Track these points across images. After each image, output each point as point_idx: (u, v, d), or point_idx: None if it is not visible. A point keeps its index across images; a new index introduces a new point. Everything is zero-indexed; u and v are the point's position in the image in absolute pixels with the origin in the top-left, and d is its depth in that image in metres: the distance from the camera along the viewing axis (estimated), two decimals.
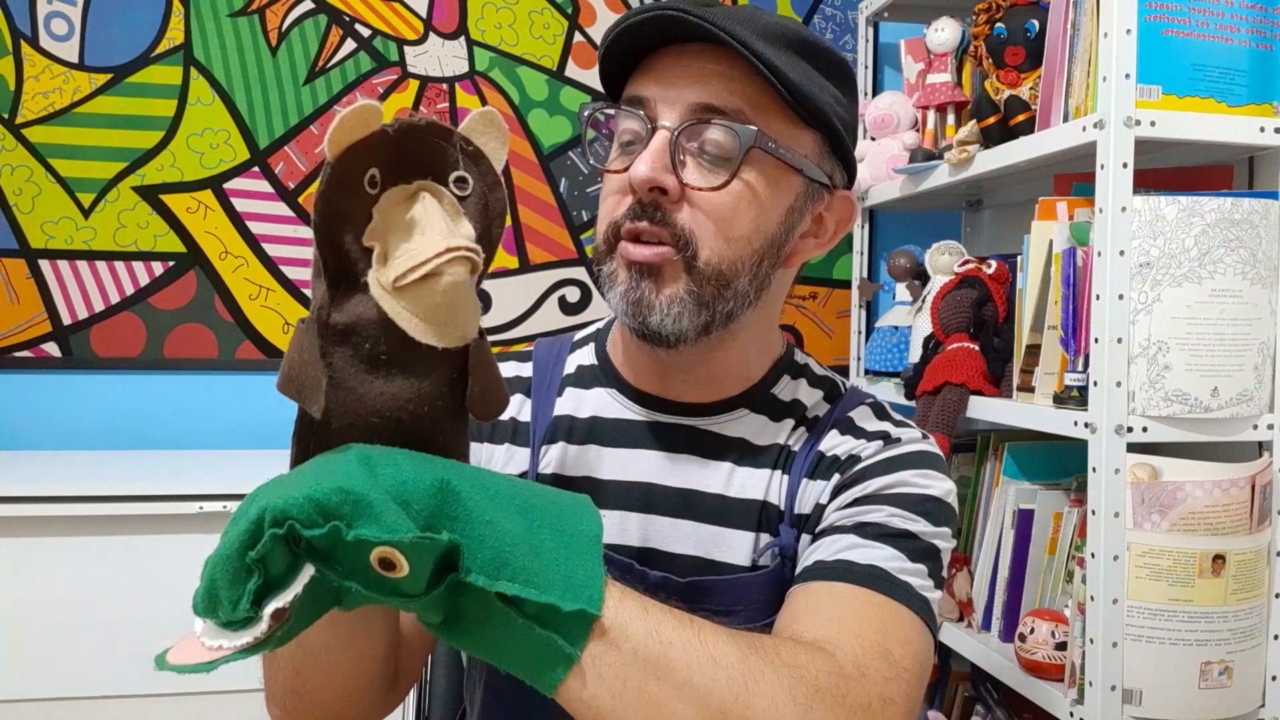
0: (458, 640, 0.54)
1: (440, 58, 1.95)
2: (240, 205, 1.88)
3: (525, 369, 0.88)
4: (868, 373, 1.91)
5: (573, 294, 2.00)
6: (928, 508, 0.76)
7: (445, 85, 1.95)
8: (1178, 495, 1.17)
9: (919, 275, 1.80)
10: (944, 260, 1.67)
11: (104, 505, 1.40)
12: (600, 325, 0.91)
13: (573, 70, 2.00)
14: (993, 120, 1.48)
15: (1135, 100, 1.20)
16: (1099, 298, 1.21)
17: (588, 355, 0.88)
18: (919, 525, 0.74)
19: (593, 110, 0.80)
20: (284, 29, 1.89)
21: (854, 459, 0.79)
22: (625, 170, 0.74)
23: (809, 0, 2.08)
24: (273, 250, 1.89)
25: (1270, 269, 1.22)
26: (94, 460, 1.67)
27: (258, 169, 1.88)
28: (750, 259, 0.75)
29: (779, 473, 0.80)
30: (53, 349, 1.81)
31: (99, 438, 1.82)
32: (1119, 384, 1.19)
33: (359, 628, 0.69)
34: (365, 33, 1.92)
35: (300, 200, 1.90)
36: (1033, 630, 1.33)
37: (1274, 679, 1.24)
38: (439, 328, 0.53)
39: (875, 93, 2.00)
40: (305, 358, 0.52)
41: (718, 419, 0.82)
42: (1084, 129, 1.25)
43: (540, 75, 1.99)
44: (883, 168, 1.80)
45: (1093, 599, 1.20)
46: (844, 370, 2.00)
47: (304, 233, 1.90)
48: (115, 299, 1.84)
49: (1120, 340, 1.19)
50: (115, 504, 1.40)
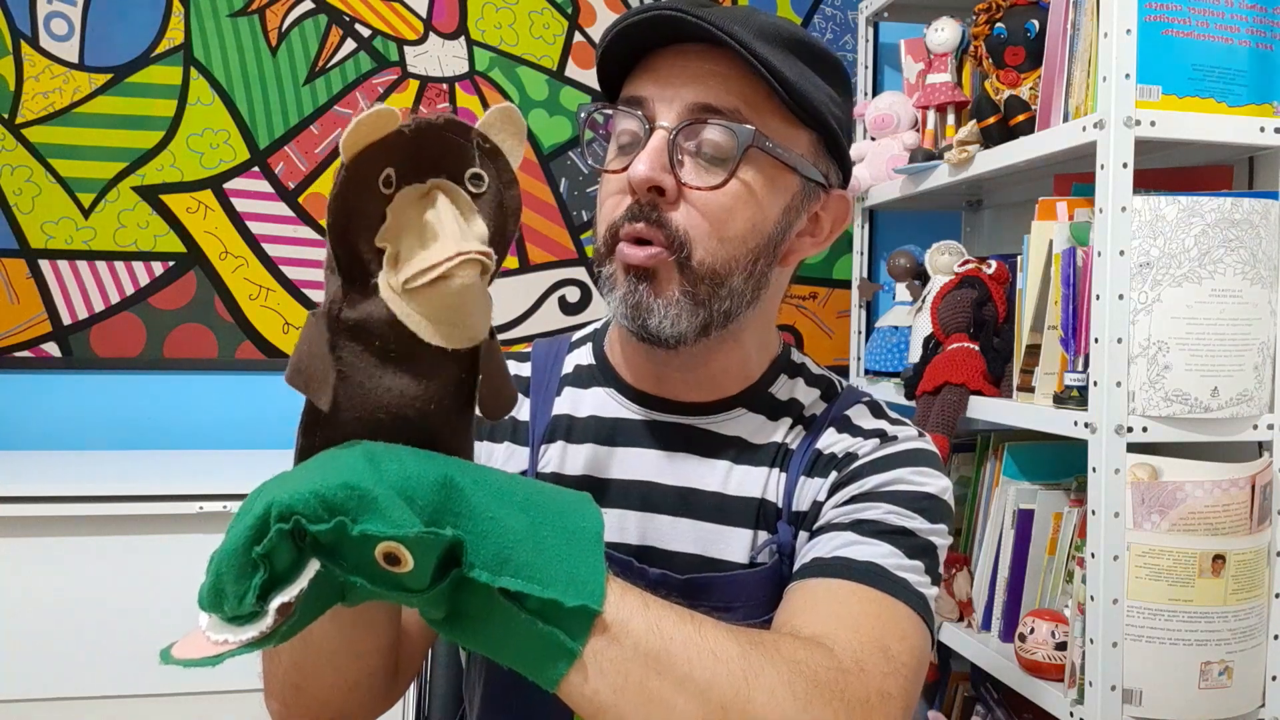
0: (460, 636, 0.54)
1: (440, 58, 1.95)
2: (240, 205, 1.88)
3: (524, 369, 0.89)
4: (868, 373, 1.91)
5: (573, 294, 2.00)
6: (924, 505, 0.76)
7: (445, 85, 1.95)
8: (1178, 495, 1.17)
9: (919, 275, 1.80)
10: (944, 260, 1.67)
11: (104, 505, 1.40)
12: (598, 325, 0.91)
13: (573, 70, 2.00)
14: (993, 120, 1.48)
15: (1135, 100, 1.20)
16: (1099, 298, 1.21)
17: (585, 355, 0.89)
18: (916, 522, 0.75)
19: (591, 111, 0.80)
20: (284, 29, 1.89)
21: (851, 457, 0.79)
22: (624, 170, 0.74)
23: (809, 0, 2.08)
24: (273, 250, 1.89)
25: (1270, 269, 1.22)
26: (94, 460, 1.67)
27: (258, 169, 1.88)
28: (746, 258, 0.75)
29: (777, 471, 0.81)
30: (53, 349, 1.82)
31: (99, 438, 1.82)
32: (1119, 384, 1.19)
33: (361, 623, 0.69)
34: (365, 33, 1.92)
35: (300, 200, 1.90)
36: (1033, 630, 1.33)
37: (1274, 679, 1.24)
38: (448, 329, 0.54)
39: (875, 93, 2.00)
40: (314, 351, 0.52)
41: (716, 418, 0.82)
42: (1084, 129, 1.25)
43: (540, 75, 1.99)
44: (883, 168, 1.80)
45: (1093, 599, 1.20)
46: (844, 370, 2.00)
47: (304, 233, 1.90)
48: (115, 299, 1.84)
49: (1120, 340, 1.19)
50: (115, 504, 1.40)
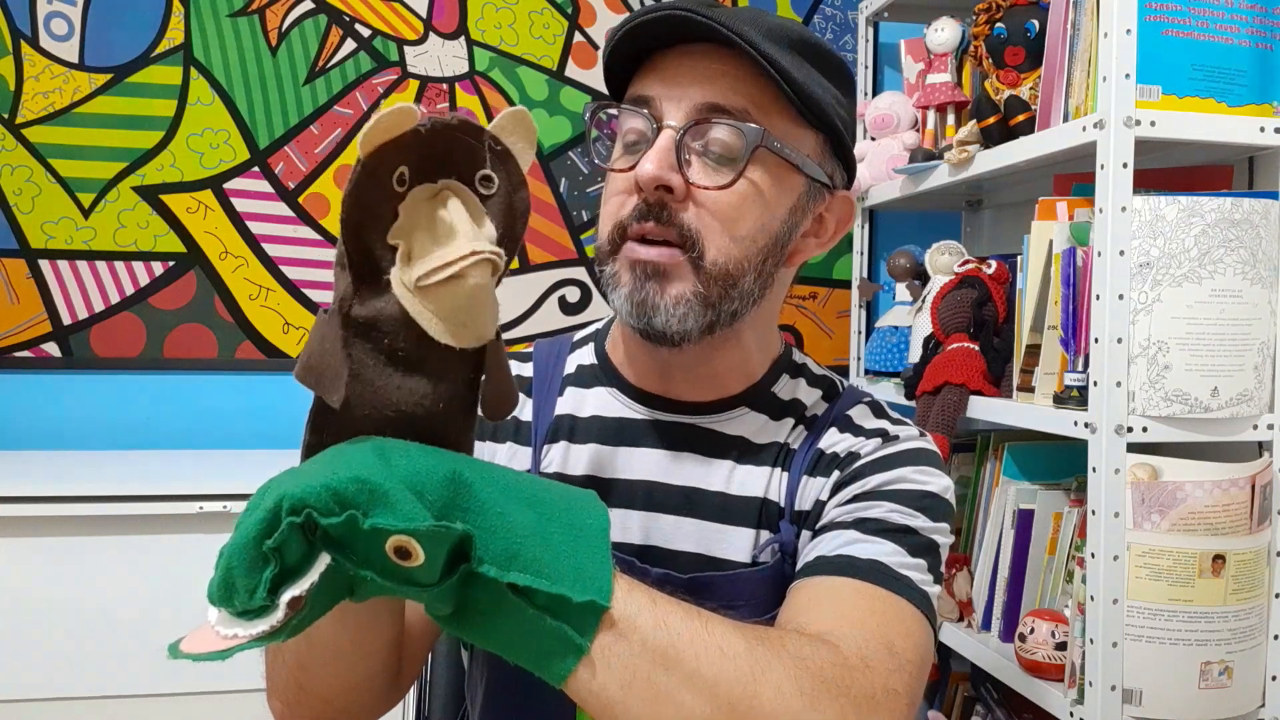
0: (468, 632, 0.54)
1: (440, 58, 1.95)
2: (240, 205, 1.88)
3: (525, 369, 0.89)
4: (868, 373, 1.91)
5: (573, 294, 2.00)
6: (927, 503, 0.76)
7: (445, 85, 1.95)
8: (1178, 495, 1.17)
9: (919, 275, 1.80)
10: (944, 260, 1.68)
11: (104, 505, 1.40)
12: (599, 325, 0.92)
13: (573, 70, 2.00)
14: (993, 120, 1.49)
15: (1135, 100, 1.21)
16: (1099, 298, 1.21)
17: (587, 355, 0.89)
18: (918, 521, 0.75)
19: (597, 109, 0.80)
20: (284, 29, 1.89)
21: (853, 456, 0.80)
22: (630, 169, 0.74)
23: (809, 0, 2.08)
24: (273, 250, 1.89)
25: (1270, 269, 1.22)
26: (94, 460, 1.67)
27: (258, 169, 1.88)
28: (755, 258, 0.76)
29: (779, 470, 0.81)
30: (53, 349, 1.81)
31: (99, 438, 1.82)
32: (1119, 384, 1.19)
33: (366, 620, 0.69)
34: (365, 33, 1.92)
35: (300, 200, 1.90)
36: (1033, 630, 1.33)
37: (1274, 679, 1.24)
38: (458, 328, 0.54)
39: (875, 93, 2.00)
40: (327, 348, 0.53)
41: (718, 417, 0.82)
42: (1084, 129, 1.25)
43: (540, 75, 1.99)
44: (883, 168, 1.80)
45: (1093, 599, 1.20)
46: (844, 370, 2.00)
47: (304, 233, 1.90)
48: (115, 299, 1.84)
49: (1120, 340, 1.19)
50: (115, 504, 1.40)
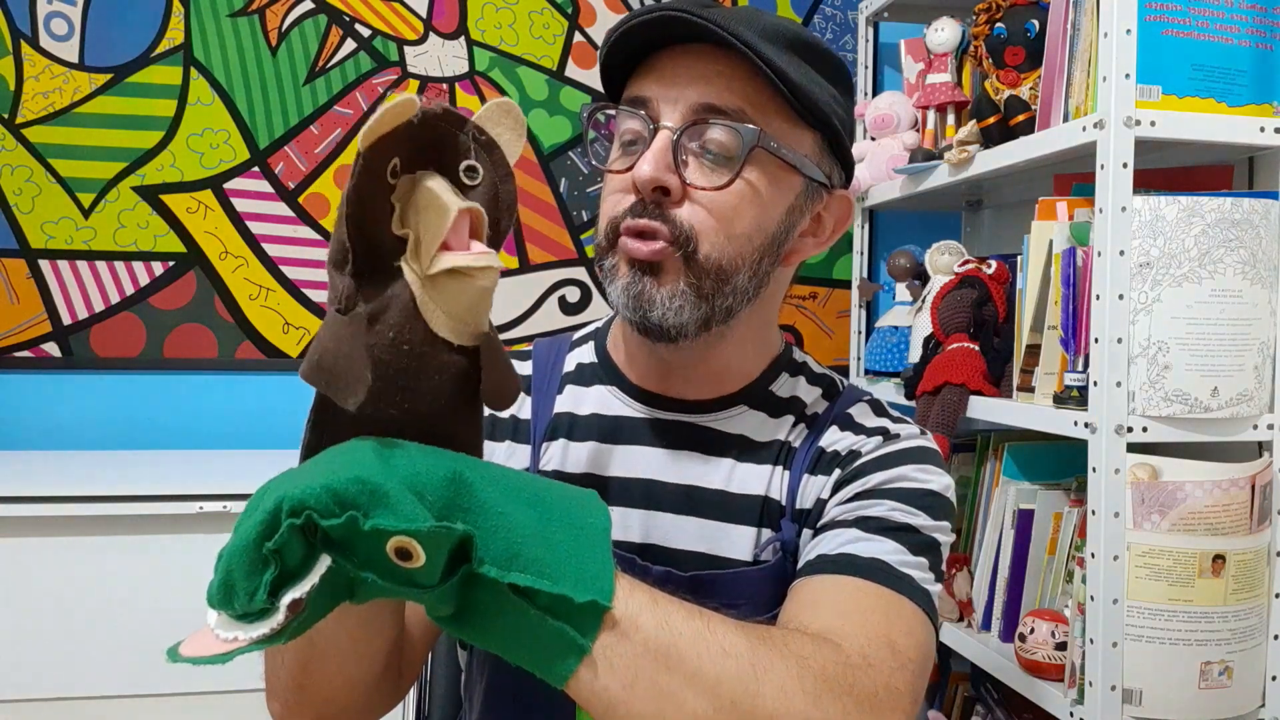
0: (469, 633, 0.54)
1: (440, 58, 1.95)
2: (240, 205, 1.88)
3: (525, 367, 0.89)
4: (868, 373, 1.91)
5: (573, 294, 2.00)
6: (928, 502, 0.77)
7: (445, 85, 1.95)
8: (1178, 495, 1.17)
9: (919, 275, 1.80)
10: (944, 260, 1.67)
11: (104, 505, 1.40)
12: (599, 324, 0.92)
13: (573, 70, 2.00)
14: (993, 120, 1.49)
15: (1135, 100, 1.21)
16: (1099, 298, 1.21)
17: (587, 353, 0.89)
18: (919, 519, 0.75)
19: (594, 110, 0.81)
20: (284, 29, 1.89)
21: (854, 454, 0.80)
22: (627, 170, 0.75)
23: (809, 0, 2.08)
24: (273, 250, 1.89)
25: (1270, 269, 1.22)
26: (94, 460, 1.67)
27: (258, 169, 1.88)
28: (751, 256, 0.76)
29: (780, 468, 0.81)
30: (53, 349, 1.81)
31: (99, 438, 1.82)
32: (1119, 384, 1.19)
33: (366, 621, 0.69)
34: (365, 33, 1.92)
35: (300, 200, 1.90)
36: (1033, 630, 1.33)
37: (1274, 679, 1.24)
38: (460, 325, 0.54)
39: (875, 93, 2.00)
40: (343, 350, 0.52)
41: (717, 416, 0.82)
42: (1084, 129, 1.25)
43: (540, 75, 1.99)
44: (883, 168, 1.80)
45: (1093, 599, 1.20)
46: (844, 370, 2.00)
47: (304, 232, 1.90)
48: (115, 299, 1.84)
49: (1120, 340, 1.19)
50: (115, 504, 1.40)
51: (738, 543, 0.79)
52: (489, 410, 0.61)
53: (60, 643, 1.39)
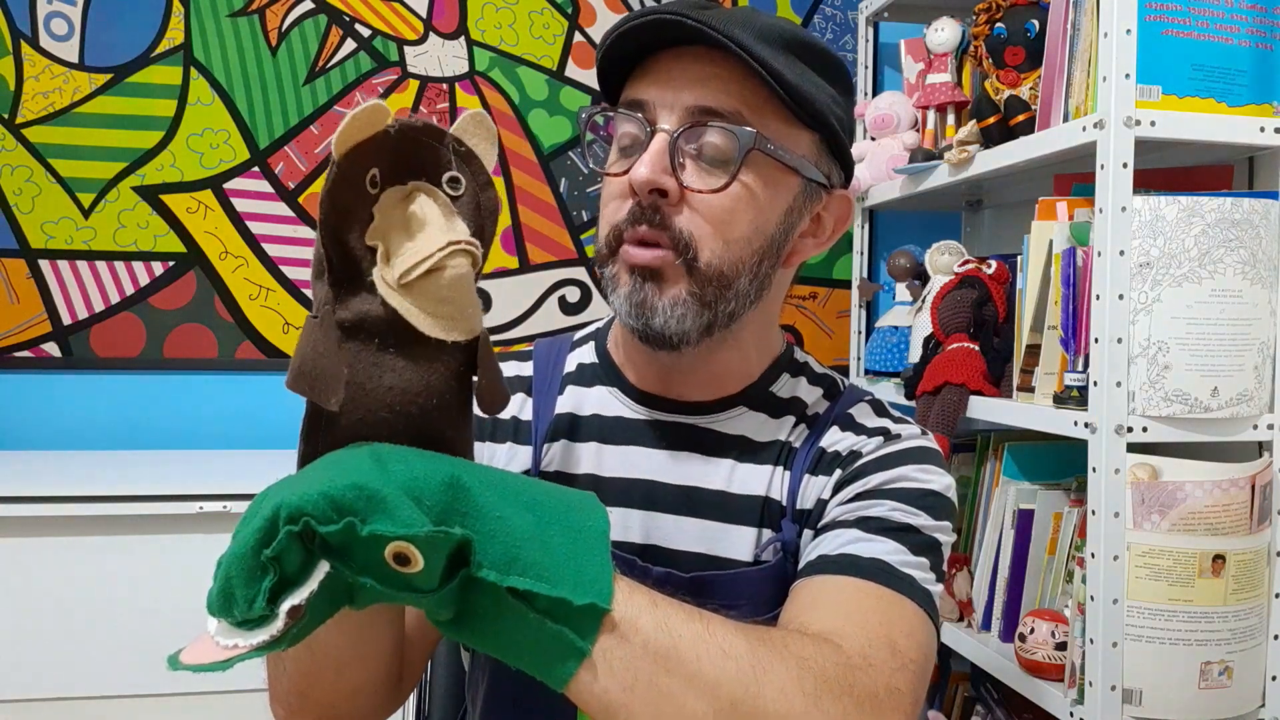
0: (468, 637, 0.54)
1: (440, 58, 1.95)
2: (240, 205, 1.88)
3: (525, 368, 0.89)
4: (868, 373, 1.91)
5: (573, 294, 2.00)
6: (929, 502, 0.76)
7: (445, 85, 1.95)
8: (1178, 495, 1.17)
9: (919, 275, 1.80)
10: (944, 260, 1.67)
11: (104, 505, 1.40)
12: (600, 324, 0.92)
13: (573, 70, 2.00)
14: (993, 120, 1.49)
15: (1135, 100, 1.21)
16: (1099, 298, 1.21)
17: (588, 354, 0.89)
18: (920, 519, 0.75)
19: (591, 113, 0.81)
20: (284, 29, 1.89)
21: (855, 455, 0.80)
22: (625, 173, 0.74)
23: (809, 0, 2.08)
24: (273, 250, 1.89)
25: (1270, 269, 1.22)
26: (94, 460, 1.67)
27: (258, 169, 1.88)
28: (750, 259, 0.76)
29: (780, 469, 0.81)
30: (53, 349, 1.81)
31: (99, 438, 1.82)
32: (1119, 384, 1.19)
33: (366, 627, 0.69)
34: (365, 33, 1.92)
35: (300, 200, 1.90)
36: (1033, 630, 1.33)
37: (1274, 679, 1.24)
38: (446, 321, 0.54)
39: (875, 93, 2.00)
40: (322, 351, 0.53)
41: (718, 416, 0.82)
42: (1084, 129, 1.25)
43: (540, 75, 1.99)
44: (883, 168, 1.80)
45: (1093, 599, 1.20)
46: (844, 370, 2.00)
47: (304, 233, 1.90)
48: (115, 299, 1.84)
49: (1120, 340, 1.19)
50: (115, 504, 1.40)
51: (738, 543, 0.79)
52: (484, 414, 0.61)
53: (60, 643, 1.39)
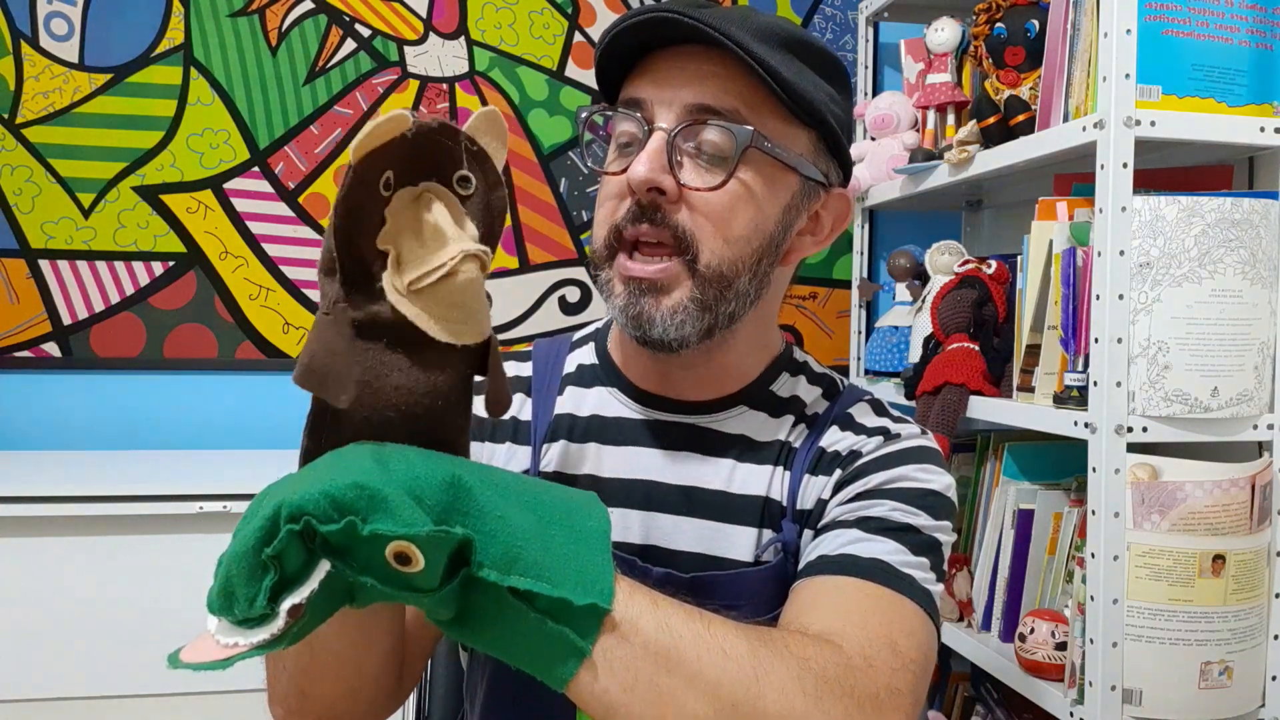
0: (469, 636, 0.54)
1: (440, 58, 1.95)
2: (240, 205, 1.88)
3: (525, 368, 0.89)
4: (868, 373, 1.91)
5: (573, 294, 2.00)
6: (929, 502, 0.76)
7: (445, 85, 1.95)
8: (1178, 495, 1.17)
9: (919, 275, 1.80)
10: (944, 260, 1.67)
11: (104, 505, 1.40)
12: (600, 324, 0.92)
13: (573, 70, 2.00)
14: (993, 120, 1.49)
15: (1135, 100, 1.21)
16: (1099, 298, 1.21)
17: (588, 354, 0.89)
18: (920, 519, 0.75)
19: (590, 113, 0.81)
20: (284, 29, 1.89)
21: (855, 454, 0.79)
22: (623, 172, 0.74)
23: (809, 0, 2.08)
24: (273, 250, 1.89)
25: (1270, 269, 1.22)
26: (94, 460, 1.67)
27: (258, 169, 1.88)
28: (750, 258, 0.76)
29: (780, 469, 0.81)
30: (53, 349, 1.81)
31: (99, 438, 1.82)
32: (1119, 384, 1.19)
33: (367, 626, 0.69)
34: (365, 33, 1.92)
35: (300, 200, 1.90)
36: (1033, 630, 1.33)
37: (1274, 679, 1.24)
38: (457, 326, 0.54)
39: (875, 93, 2.00)
40: (332, 349, 0.53)
41: (717, 416, 0.82)
42: (1084, 129, 1.25)
43: (540, 75, 1.99)
44: (883, 168, 1.80)
45: (1093, 599, 1.20)
46: (844, 370, 2.00)
47: (304, 233, 1.90)
48: (115, 299, 1.84)
49: (1120, 340, 1.19)
50: (115, 504, 1.40)
51: (738, 543, 0.79)
52: (490, 416, 0.61)
53: (60, 643, 1.39)
